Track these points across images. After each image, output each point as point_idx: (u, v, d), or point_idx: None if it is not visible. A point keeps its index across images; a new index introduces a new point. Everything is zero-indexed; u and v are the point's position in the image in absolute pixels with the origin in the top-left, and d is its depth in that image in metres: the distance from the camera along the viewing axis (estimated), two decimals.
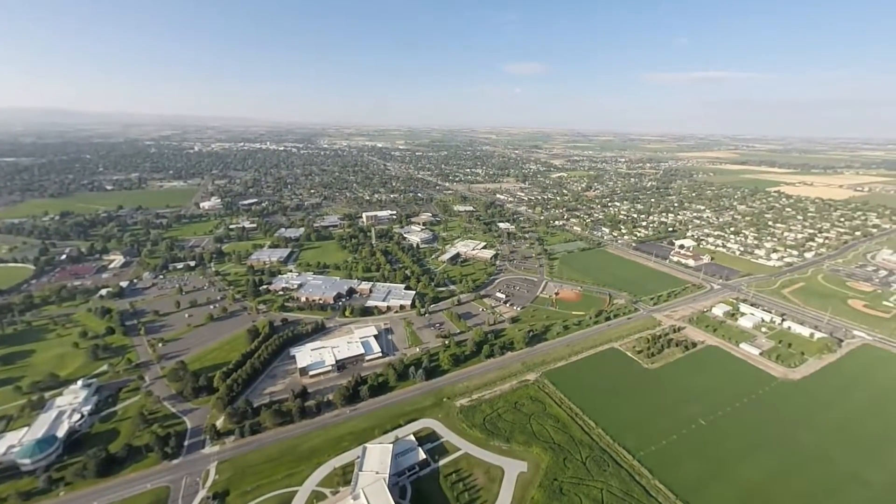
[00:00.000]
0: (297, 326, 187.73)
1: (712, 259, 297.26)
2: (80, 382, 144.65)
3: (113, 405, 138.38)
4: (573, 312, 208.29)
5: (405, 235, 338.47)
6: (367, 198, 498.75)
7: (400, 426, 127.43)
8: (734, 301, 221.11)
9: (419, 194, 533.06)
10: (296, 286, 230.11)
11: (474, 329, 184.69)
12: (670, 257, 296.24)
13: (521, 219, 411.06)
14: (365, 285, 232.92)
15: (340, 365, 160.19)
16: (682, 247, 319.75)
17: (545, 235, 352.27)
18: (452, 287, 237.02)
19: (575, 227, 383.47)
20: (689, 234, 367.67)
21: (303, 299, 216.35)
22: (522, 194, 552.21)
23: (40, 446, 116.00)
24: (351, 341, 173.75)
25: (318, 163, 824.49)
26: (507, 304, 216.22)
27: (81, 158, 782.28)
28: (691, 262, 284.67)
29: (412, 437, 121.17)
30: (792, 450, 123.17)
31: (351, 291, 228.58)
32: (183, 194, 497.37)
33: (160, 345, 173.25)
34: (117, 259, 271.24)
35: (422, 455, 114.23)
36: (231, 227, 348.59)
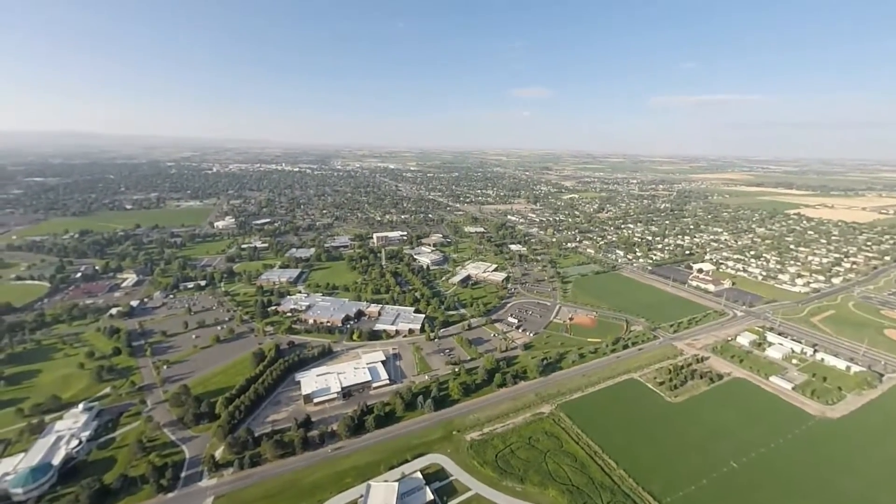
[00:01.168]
0: (304, 350, 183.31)
1: (733, 284, 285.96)
2: (81, 406, 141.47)
3: (112, 431, 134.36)
4: (589, 339, 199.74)
5: (415, 257, 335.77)
6: (379, 218, 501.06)
7: (407, 461, 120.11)
8: (760, 329, 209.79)
9: (430, 215, 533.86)
10: (304, 307, 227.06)
11: (485, 356, 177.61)
12: (689, 282, 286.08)
13: (533, 240, 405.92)
14: (374, 308, 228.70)
15: (346, 392, 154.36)
16: (700, 271, 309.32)
17: (558, 258, 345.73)
18: (463, 311, 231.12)
19: (588, 250, 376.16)
20: (707, 257, 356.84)
21: (311, 321, 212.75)
22: (534, 216, 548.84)
23: (34, 475, 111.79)
24: (358, 367, 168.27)
25: (331, 183, 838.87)
26: (520, 330, 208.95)
27: (105, 178, 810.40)
28: (711, 287, 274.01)
29: (419, 475, 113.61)
30: (834, 497, 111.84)
31: (359, 314, 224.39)
32: (199, 214, 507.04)
33: (165, 367, 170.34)
34: (130, 278, 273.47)
35: (429, 496, 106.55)
36: (243, 246, 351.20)
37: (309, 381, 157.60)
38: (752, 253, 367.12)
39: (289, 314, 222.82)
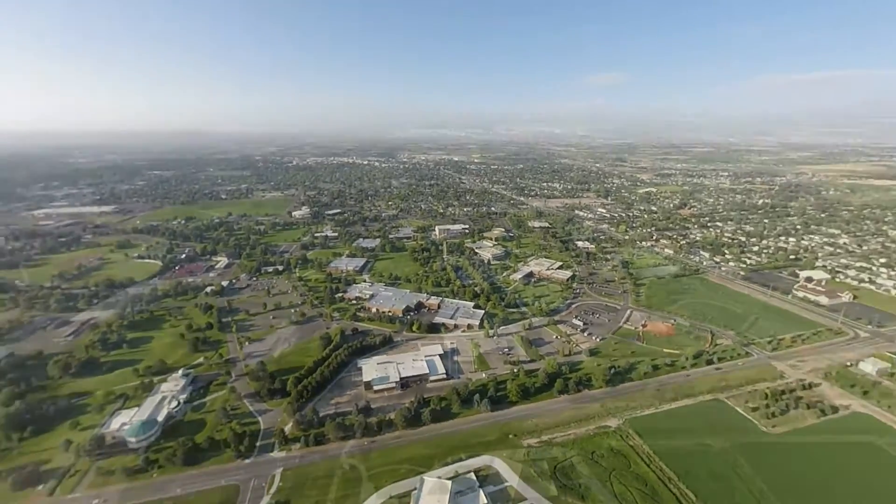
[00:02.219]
0: (367, 337, 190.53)
1: (855, 298, 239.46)
2: (180, 371, 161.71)
3: (203, 396, 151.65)
4: (665, 350, 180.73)
5: (476, 251, 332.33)
6: (441, 211, 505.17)
7: (461, 459, 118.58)
8: (892, 356, 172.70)
9: (493, 208, 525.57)
10: (368, 296, 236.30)
11: (547, 358, 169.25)
12: (794, 292, 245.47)
13: (603, 237, 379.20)
14: (434, 300, 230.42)
15: (404, 383, 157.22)
16: (810, 280, 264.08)
17: (630, 257, 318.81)
18: (524, 309, 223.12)
19: (666, 250, 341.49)
20: (818, 263, 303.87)
21: (373, 310, 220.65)
22: (604, 210, 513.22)
23: (144, 428, 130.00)
24: (416, 359, 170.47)
25: (397, 176, 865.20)
26: (585, 334, 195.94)
27: (206, 171, 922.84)
28: (824, 300, 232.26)
29: (473, 476, 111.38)
30: None
31: (420, 306, 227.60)
32: (280, 204, 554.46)
33: (247, 343, 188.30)
34: (222, 260, 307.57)
35: (483, 499, 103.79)
36: (316, 235, 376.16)
37: (370, 368, 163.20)
38: (883, 261, 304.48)
39: (354, 301, 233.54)
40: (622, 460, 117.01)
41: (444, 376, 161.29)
